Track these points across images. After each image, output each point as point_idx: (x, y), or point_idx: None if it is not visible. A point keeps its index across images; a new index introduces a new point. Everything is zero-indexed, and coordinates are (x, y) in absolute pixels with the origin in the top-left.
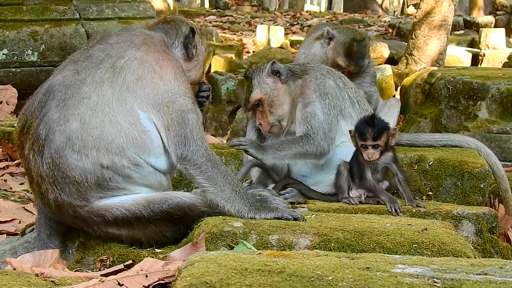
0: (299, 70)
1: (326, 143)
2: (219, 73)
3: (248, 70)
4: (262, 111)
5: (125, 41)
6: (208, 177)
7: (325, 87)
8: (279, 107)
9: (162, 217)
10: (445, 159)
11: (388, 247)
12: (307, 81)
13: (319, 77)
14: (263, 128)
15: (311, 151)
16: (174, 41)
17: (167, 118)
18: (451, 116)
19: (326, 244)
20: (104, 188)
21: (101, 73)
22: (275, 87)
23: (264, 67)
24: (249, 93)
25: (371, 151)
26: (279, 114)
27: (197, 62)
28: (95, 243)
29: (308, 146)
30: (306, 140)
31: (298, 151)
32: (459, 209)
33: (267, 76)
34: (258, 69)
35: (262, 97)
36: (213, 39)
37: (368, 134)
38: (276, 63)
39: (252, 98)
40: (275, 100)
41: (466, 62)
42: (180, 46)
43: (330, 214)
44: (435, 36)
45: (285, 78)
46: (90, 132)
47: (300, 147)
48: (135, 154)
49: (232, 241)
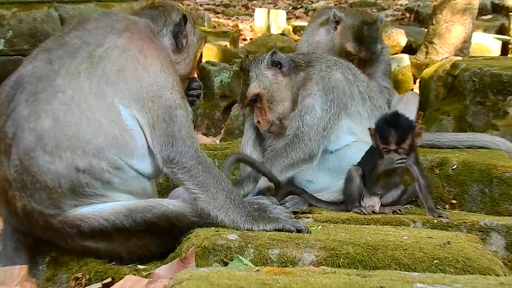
0: (303, 61)
1: (315, 144)
2: (211, 64)
3: (244, 61)
4: (260, 108)
5: (105, 27)
6: (199, 182)
7: (330, 81)
8: (280, 104)
9: (145, 228)
10: (471, 162)
11: (405, 263)
12: (310, 74)
13: (325, 70)
14: (262, 126)
15: (298, 157)
16: (162, 29)
17: (152, 114)
18: (478, 113)
19: (334, 260)
20: (79, 194)
21: (77, 64)
22: (275, 80)
23: (263, 58)
24: (246, 87)
25: (395, 156)
26: (279, 111)
27: (187, 54)
28: (68, 258)
29: (294, 153)
30: (290, 147)
31: (285, 164)
32: (487, 220)
33: (267, 68)
34: (256, 59)
35: (260, 91)
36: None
37: (391, 137)
38: (276, 53)
39: (249, 93)
40: (275, 95)
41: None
42: (169, 35)
43: (338, 226)
44: (459, 22)
45: (286, 70)
46: (64, 130)
47: (284, 159)
48: (115, 156)
49: (226, 256)
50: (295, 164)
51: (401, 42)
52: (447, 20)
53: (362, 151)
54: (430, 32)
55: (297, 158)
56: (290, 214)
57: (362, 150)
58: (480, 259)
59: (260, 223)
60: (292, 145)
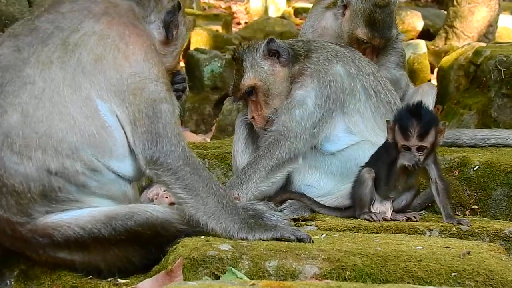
0: (303, 49)
1: (302, 142)
2: (201, 51)
3: (238, 49)
4: (255, 102)
5: (81, 10)
6: (187, 185)
7: (327, 74)
8: (277, 97)
9: (127, 238)
10: (495, 163)
11: (419, 276)
12: (305, 66)
13: (322, 62)
14: (257, 123)
15: (283, 157)
16: (150, 15)
17: (133, 109)
18: (503, 106)
19: (339, 273)
20: (52, 200)
21: (49, 51)
22: (272, 71)
23: (258, 46)
24: (240, 78)
25: (415, 155)
26: (276, 106)
27: (175, 46)
28: (40, 271)
29: (278, 152)
30: (274, 145)
31: (270, 166)
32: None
33: (263, 58)
34: (251, 48)
35: (256, 83)
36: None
37: (412, 129)
38: (274, 41)
39: (244, 85)
40: (272, 87)
41: None
42: (158, 23)
43: (344, 234)
44: (483, 3)
45: (285, 60)
46: (34, 127)
47: (268, 160)
48: (92, 157)
49: (218, 269)
50: (280, 165)
51: (417, 26)
52: (470, 1)
53: (368, 152)
54: (451, 14)
55: (282, 158)
56: (289, 221)
57: (368, 151)
58: (504, 271)
59: (256, 231)
60: (276, 143)
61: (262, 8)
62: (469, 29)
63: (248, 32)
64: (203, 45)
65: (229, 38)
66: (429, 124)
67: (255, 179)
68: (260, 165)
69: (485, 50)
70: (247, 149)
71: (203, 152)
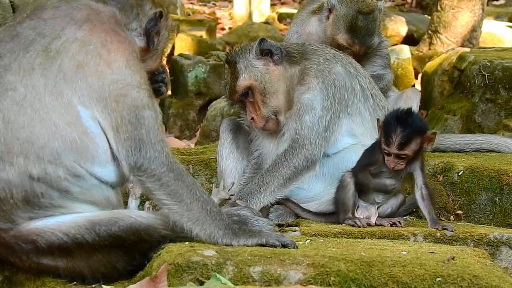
0: (297, 51)
1: (317, 148)
2: (185, 57)
3: (230, 53)
4: (253, 102)
5: (63, 17)
6: (171, 191)
7: (330, 73)
8: (274, 96)
9: (111, 243)
10: (479, 168)
11: (404, 282)
12: (308, 67)
13: (323, 63)
14: (257, 124)
15: (300, 165)
16: (132, 22)
17: (116, 116)
18: (487, 111)
19: (324, 278)
20: (34, 206)
21: (30, 58)
22: (266, 70)
23: (250, 47)
24: (235, 80)
25: (392, 161)
26: (274, 105)
27: (156, 51)
28: (24, 278)
29: (295, 160)
30: (290, 153)
31: (288, 175)
32: (496, 233)
33: (256, 58)
34: (243, 49)
35: (252, 83)
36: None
37: (394, 136)
38: (265, 41)
39: (240, 86)
40: (268, 86)
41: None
42: (140, 30)
43: (329, 240)
44: (467, 8)
45: (278, 58)
46: (16, 133)
47: (286, 169)
48: (74, 163)
49: (202, 275)
50: (298, 174)
51: (401, 32)
52: (453, 6)
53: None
54: (435, 19)
55: (300, 166)
56: (274, 227)
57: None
58: (488, 276)
59: (240, 237)
60: (292, 151)
61: (246, 13)
62: (453, 34)
63: (232, 37)
64: (187, 51)
65: (213, 44)
66: (412, 134)
67: (273, 187)
68: (278, 173)
69: (469, 55)
70: (232, 154)
71: (187, 158)
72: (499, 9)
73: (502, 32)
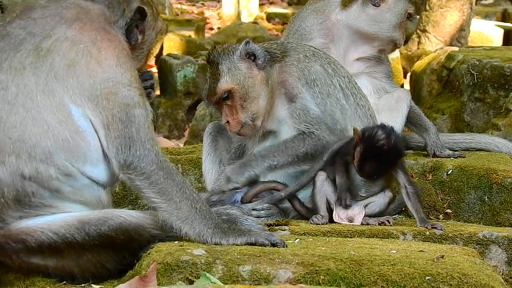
0: (279, 51)
1: (335, 139)
2: (173, 56)
3: (212, 53)
4: (231, 106)
5: (53, 16)
6: (160, 190)
7: (310, 72)
8: (254, 101)
9: (100, 243)
10: (468, 167)
11: (393, 280)
12: (288, 65)
13: (303, 60)
14: (231, 128)
15: (318, 150)
16: (120, 19)
17: (107, 114)
18: (476, 111)
19: (313, 277)
20: (25, 205)
21: (21, 57)
22: (250, 74)
23: (235, 48)
24: (215, 81)
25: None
26: (253, 110)
27: (142, 51)
28: (13, 277)
29: (313, 144)
30: (309, 138)
31: (301, 152)
32: (485, 231)
33: (240, 60)
34: (227, 50)
35: (233, 87)
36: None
37: (368, 166)
38: (250, 43)
39: (220, 89)
40: (250, 91)
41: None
42: (125, 27)
43: (318, 238)
44: (456, 7)
45: (262, 63)
46: (8, 132)
47: (302, 147)
48: (65, 162)
49: (192, 274)
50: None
51: None
52: (442, 5)
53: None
54: (423, 19)
55: (317, 151)
56: (263, 226)
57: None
58: (478, 275)
59: (229, 236)
60: (309, 136)
61: (235, 13)
62: (441, 34)
63: (221, 37)
64: (176, 51)
65: (201, 43)
66: (384, 170)
67: (278, 160)
68: (288, 150)
69: (457, 55)
70: (209, 156)
71: (176, 158)
72: (488, 8)
73: (490, 31)
